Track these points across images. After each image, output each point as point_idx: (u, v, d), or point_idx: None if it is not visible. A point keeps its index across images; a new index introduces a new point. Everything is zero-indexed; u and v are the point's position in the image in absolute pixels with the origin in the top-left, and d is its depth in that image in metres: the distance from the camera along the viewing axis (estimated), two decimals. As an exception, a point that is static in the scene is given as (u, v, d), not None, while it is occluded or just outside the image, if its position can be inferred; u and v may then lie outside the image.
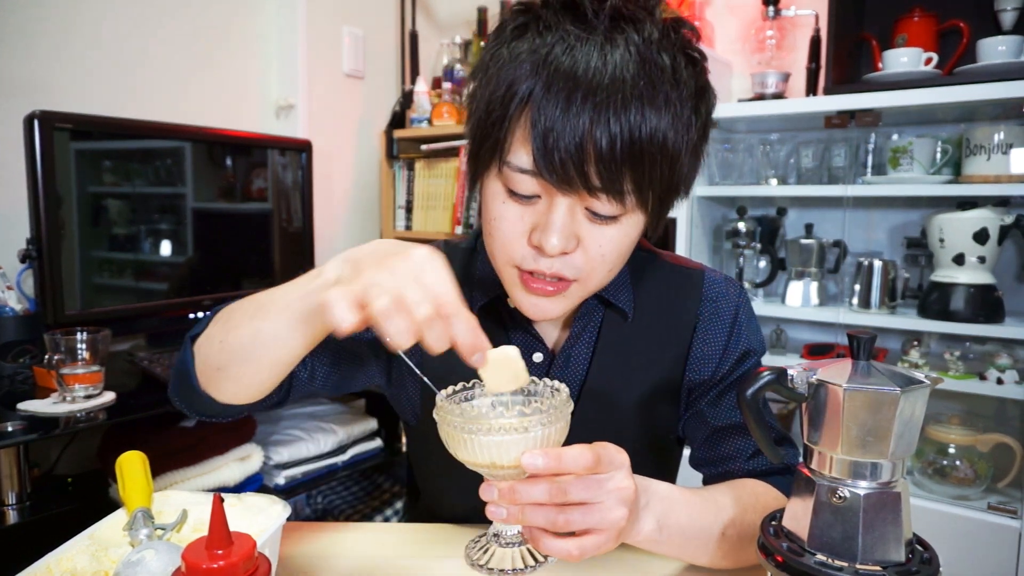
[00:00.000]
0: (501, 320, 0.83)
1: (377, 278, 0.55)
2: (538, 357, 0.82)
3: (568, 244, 0.66)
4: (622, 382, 0.81)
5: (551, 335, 0.84)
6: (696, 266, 0.87)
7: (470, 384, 0.65)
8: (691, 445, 0.88)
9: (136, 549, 0.61)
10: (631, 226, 0.69)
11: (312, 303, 0.60)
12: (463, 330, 0.55)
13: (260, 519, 0.68)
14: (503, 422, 0.56)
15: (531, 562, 0.63)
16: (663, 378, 0.82)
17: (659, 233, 0.76)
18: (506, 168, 0.66)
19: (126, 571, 0.59)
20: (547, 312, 0.72)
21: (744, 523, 0.72)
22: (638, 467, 0.68)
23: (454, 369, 0.63)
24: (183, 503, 0.71)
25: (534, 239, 0.67)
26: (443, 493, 0.90)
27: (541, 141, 0.62)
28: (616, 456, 0.60)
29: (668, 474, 0.91)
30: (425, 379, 0.64)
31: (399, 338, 0.53)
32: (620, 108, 0.61)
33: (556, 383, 0.64)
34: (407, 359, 0.62)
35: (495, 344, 0.59)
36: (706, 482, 0.85)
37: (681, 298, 0.83)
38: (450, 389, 0.65)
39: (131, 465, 0.72)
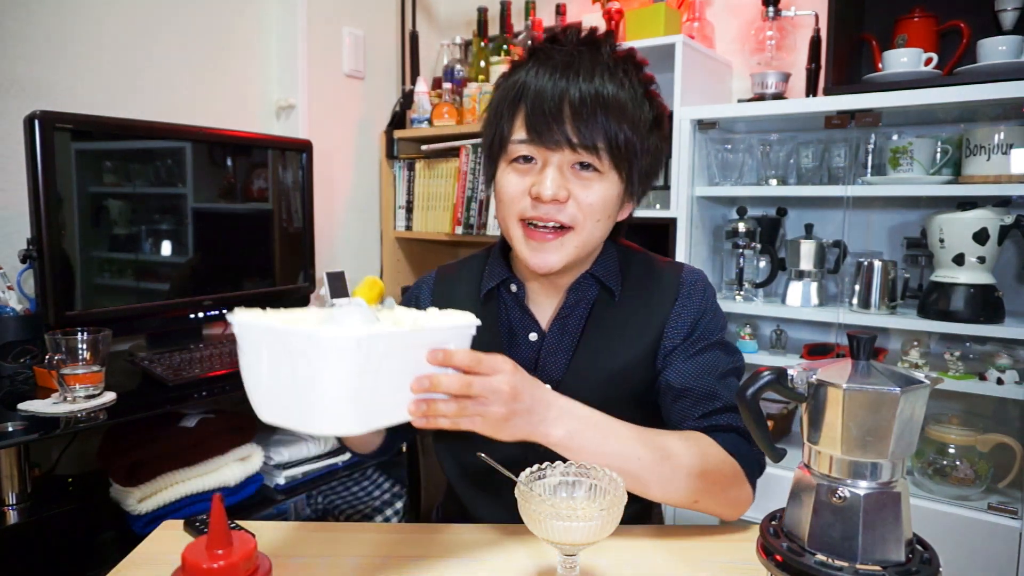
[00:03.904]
0: (503, 303, 0.99)
1: None
2: (533, 336, 0.97)
3: (560, 192, 0.85)
4: (608, 350, 0.95)
5: (545, 315, 0.98)
6: (679, 265, 1.03)
7: (543, 466, 0.74)
8: (662, 412, 0.98)
9: (328, 308, 0.69)
10: (611, 184, 0.88)
11: None
12: None
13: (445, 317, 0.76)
14: (572, 512, 0.66)
15: None
16: (644, 348, 0.95)
17: (635, 207, 0.97)
18: (510, 146, 0.88)
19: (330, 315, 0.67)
20: (548, 262, 0.88)
21: (683, 455, 0.84)
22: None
23: None
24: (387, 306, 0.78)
25: (533, 191, 0.86)
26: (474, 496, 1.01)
27: (531, 106, 0.85)
28: (498, 363, 0.74)
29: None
30: (505, 471, 0.75)
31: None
32: (587, 76, 0.85)
33: (614, 475, 0.72)
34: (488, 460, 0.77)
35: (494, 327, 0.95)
36: None
37: (663, 282, 0.99)
38: (528, 471, 0.73)
39: (367, 287, 0.85)
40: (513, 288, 0.98)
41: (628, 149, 0.86)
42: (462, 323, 0.74)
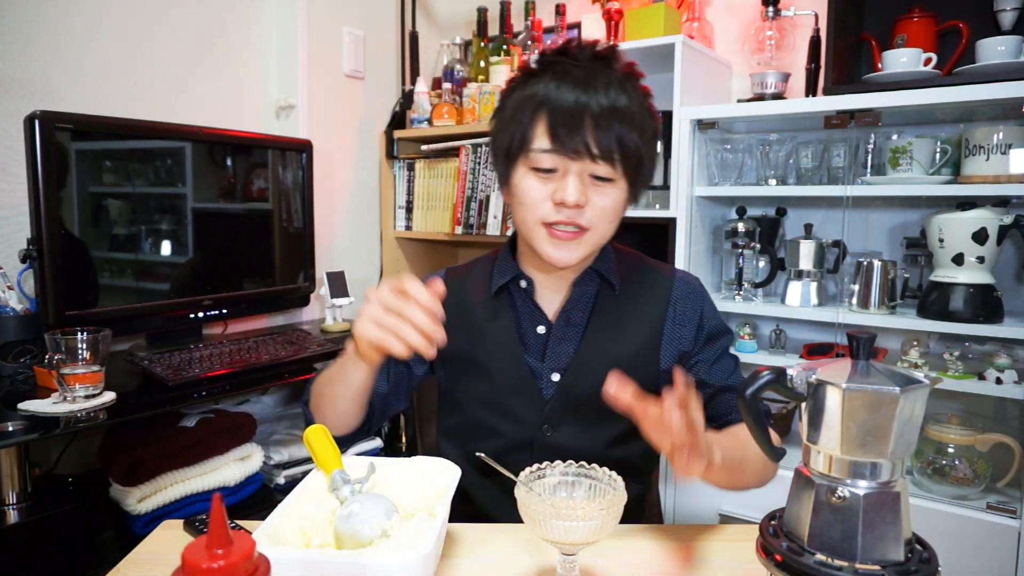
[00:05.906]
0: (512, 299, 1.06)
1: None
2: (541, 329, 1.04)
3: (581, 198, 0.93)
4: (612, 340, 1.03)
5: (551, 308, 1.05)
6: (670, 267, 1.14)
7: (543, 465, 0.75)
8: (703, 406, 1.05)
9: (346, 504, 0.73)
10: (621, 190, 0.97)
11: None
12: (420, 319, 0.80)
13: (436, 482, 0.80)
14: (572, 511, 0.67)
15: None
16: (645, 340, 1.04)
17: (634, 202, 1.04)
18: (532, 154, 0.94)
19: (345, 524, 0.71)
20: (568, 258, 0.96)
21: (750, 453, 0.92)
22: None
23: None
24: (366, 463, 0.83)
25: (556, 197, 0.93)
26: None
27: (553, 117, 0.92)
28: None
29: None
30: (504, 470, 0.78)
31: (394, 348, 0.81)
32: (604, 90, 0.92)
33: (614, 474, 0.73)
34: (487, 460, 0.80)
35: (504, 321, 1.05)
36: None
37: (656, 280, 1.09)
38: (528, 470, 0.74)
39: (318, 437, 0.83)
40: (523, 284, 1.05)
41: (637, 157, 0.95)
42: (452, 476, 0.80)
